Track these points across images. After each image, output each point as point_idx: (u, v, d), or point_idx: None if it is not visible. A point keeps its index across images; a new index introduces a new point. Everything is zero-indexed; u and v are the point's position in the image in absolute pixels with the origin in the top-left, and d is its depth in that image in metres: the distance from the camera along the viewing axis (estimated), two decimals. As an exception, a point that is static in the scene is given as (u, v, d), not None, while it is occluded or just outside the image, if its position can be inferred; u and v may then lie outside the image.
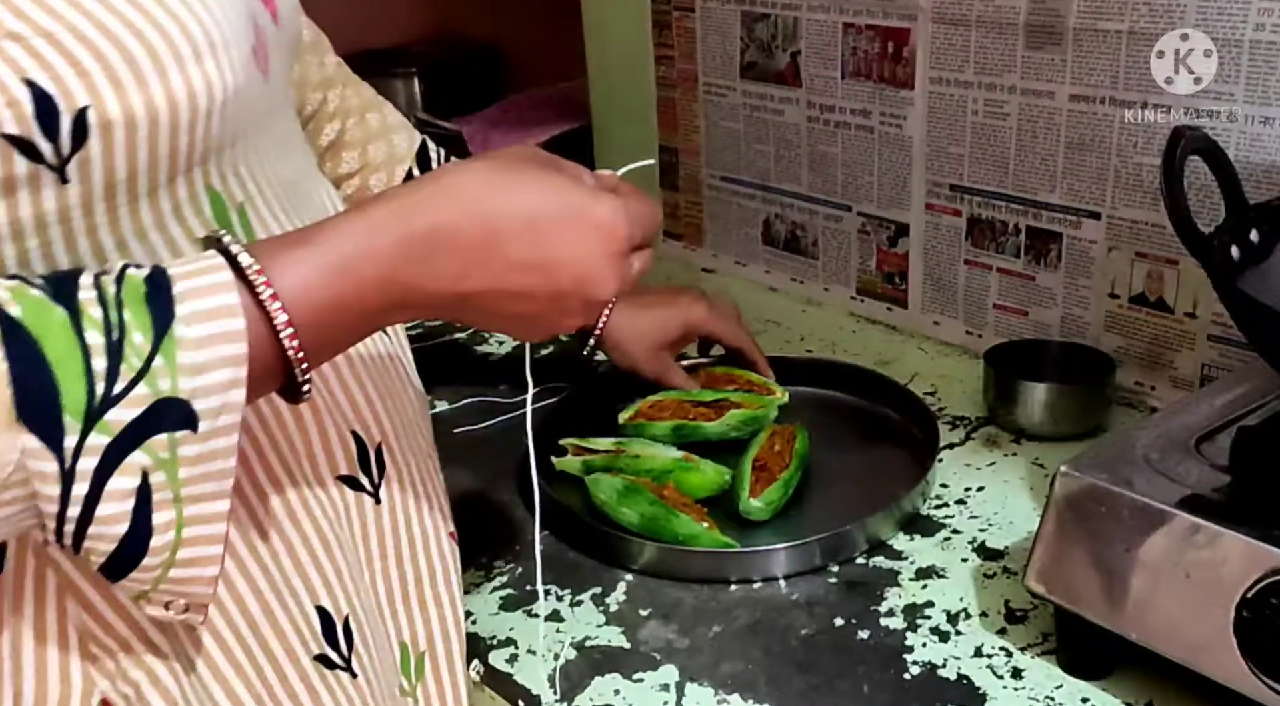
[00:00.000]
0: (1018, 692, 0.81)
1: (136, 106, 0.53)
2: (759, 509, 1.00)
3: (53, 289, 0.50)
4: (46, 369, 0.48)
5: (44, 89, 0.50)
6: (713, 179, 1.57)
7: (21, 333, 0.48)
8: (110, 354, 0.49)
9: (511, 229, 0.59)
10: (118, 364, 0.50)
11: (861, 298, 1.44)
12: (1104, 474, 0.78)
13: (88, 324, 0.49)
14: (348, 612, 0.69)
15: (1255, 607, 0.69)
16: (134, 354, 0.50)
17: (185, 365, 0.51)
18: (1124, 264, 1.16)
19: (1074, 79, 1.14)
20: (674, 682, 0.84)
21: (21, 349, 0.48)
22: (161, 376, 0.50)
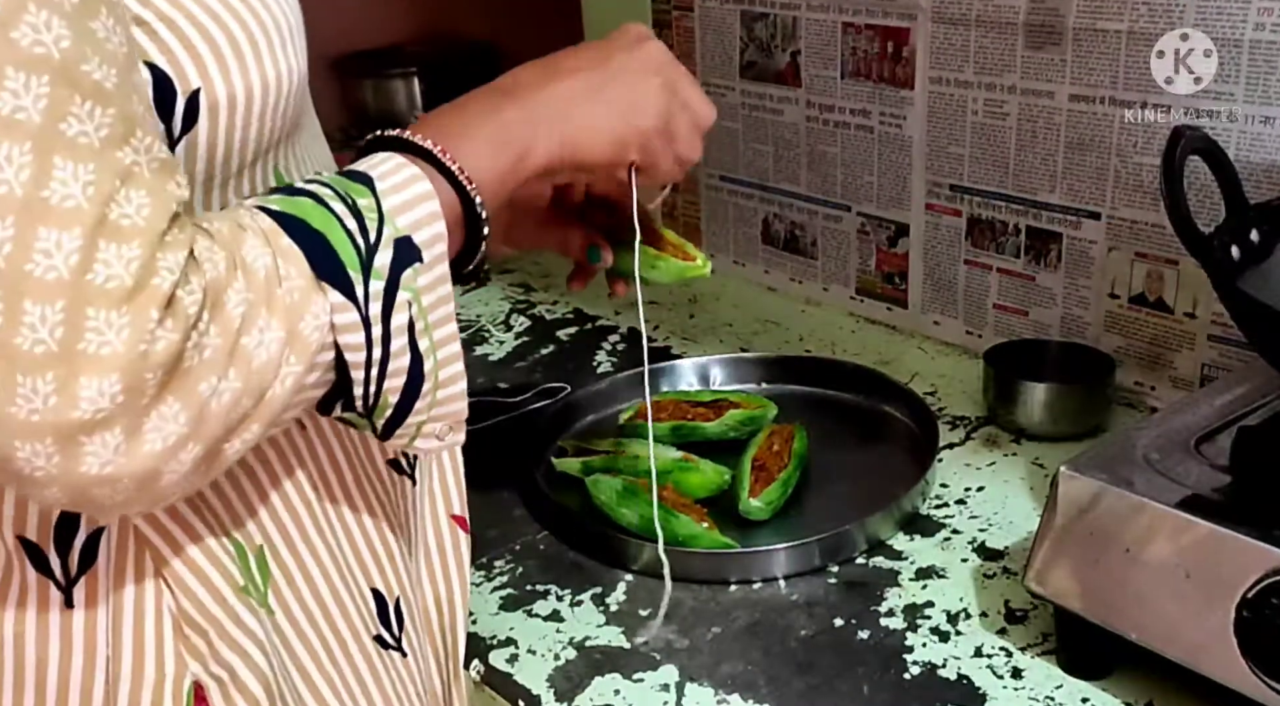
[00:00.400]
0: (1018, 692, 0.81)
1: (238, 89, 0.57)
2: (758, 509, 1.00)
3: (282, 192, 0.58)
4: (321, 237, 0.55)
5: (163, 71, 0.54)
6: (711, 178, 1.57)
7: (289, 218, 0.56)
8: (354, 215, 0.57)
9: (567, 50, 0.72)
10: (362, 221, 0.57)
11: (861, 297, 1.44)
12: (1104, 474, 0.78)
13: (328, 199, 0.57)
14: (398, 594, 0.72)
15: (1255, 607, 0.69)
16: (367, 210, 0.58)
17: (395, 206, 0.59)
18: (1124, 264, 1.16)
19: (1074, 79, 1.14)
20: (674, 682, 0.84)
21: (297, 228, 0.55)
22: (388, 222, 0.58)
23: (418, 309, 0.59)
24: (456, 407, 0.63)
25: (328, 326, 0.55)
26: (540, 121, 0.68)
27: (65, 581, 0.58)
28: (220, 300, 0.51)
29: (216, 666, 0.61)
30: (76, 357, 0.46)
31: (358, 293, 0.56)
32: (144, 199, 0.48)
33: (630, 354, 1.37)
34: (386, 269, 0.57)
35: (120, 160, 0.48)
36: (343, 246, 0.56)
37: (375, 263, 0.57)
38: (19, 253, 0.45)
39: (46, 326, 0.45)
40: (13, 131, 0.45)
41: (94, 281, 0.46)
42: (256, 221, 0.55)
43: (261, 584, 0.64)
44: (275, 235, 0.55)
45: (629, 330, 1.44)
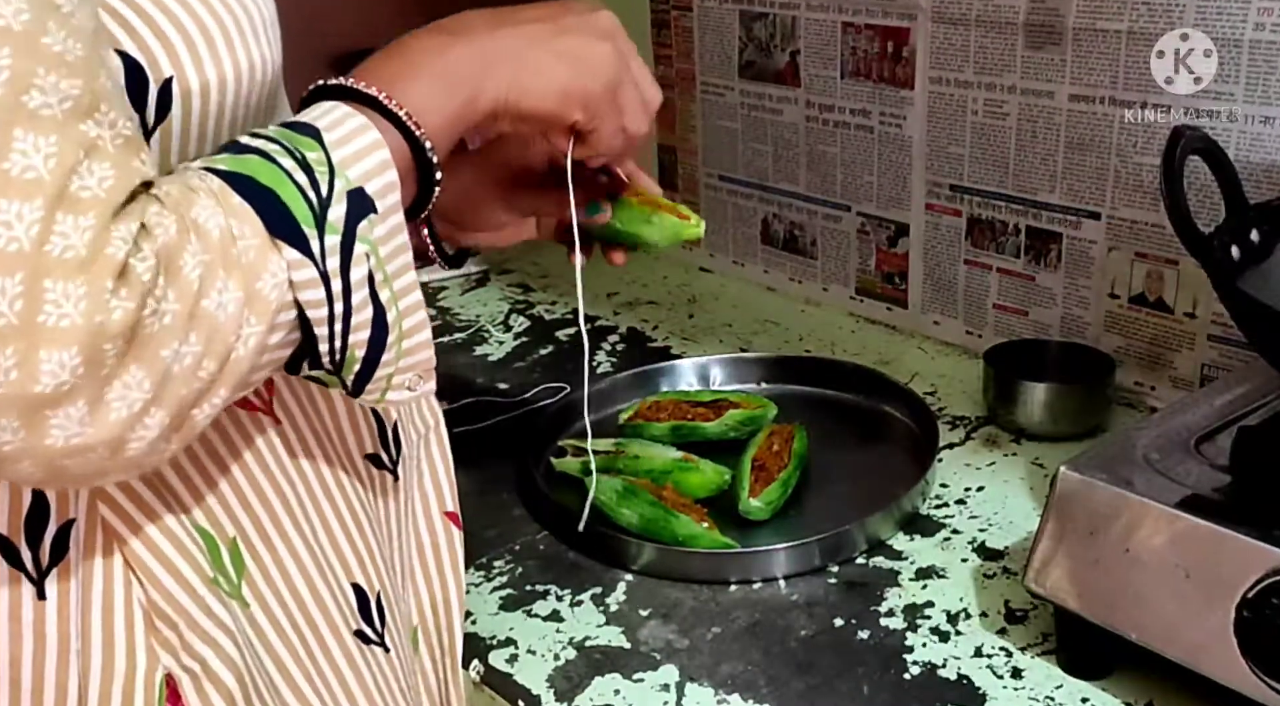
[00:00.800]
0: (1018, 692, 0.81)
1: (211, 78, 0.57)
2: (758, 509, 1.00)
3: (228, 150, 0.57)
4: (271, 194, 0.55)
5: (135, 59, 0.54)
6: (710, 178, 1.57)
7: (238, 177, 0.55)
8: (304, 169, 0.56)
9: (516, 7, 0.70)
10: (312, 175, 0.56)
11: (861, 297, 1.44)
12: (1104, 474, 0.78)
13: (276, 154, 0.56)
14: (379, 589, 0.71)
15: (1255, 607, 0.69)
16: (317, 164, 0.57)
17: (345, 158, 0.58)
18: (1124, 264, 1.16)
19: (1074, 79, 1.14)
20: (674, 682, 0.84)
21: (246, 186, 0.54)
22: (338, 175, 0.57)
23: (376, 260, 0.59)
24: (424, 356, 0.63)
25: (286, 284, 0.55)
26: (490, 62, 0.67)
27: (37, 574, 0.58)
28: (175, 264, 0.51)
29: (188, 658, 0.60)
30: (36, 330, 0.46)
31: (313, 248, 0.56)
32: (106, 171, 0.48)
33: (630, 354, 1.37)
34: (341, 222, 0.57)
35: (84, 133, 0.48)
36: (294, 202, 0.55)
37: (329, 216, 0.56)
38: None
39: (7, 299, 0.45)
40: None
41: (51, 253, 0.46)
42: (206, 182, 0.54)
43: (235, 576, 0.64)
44: (225, 194, 0.54)
45: (629, 330, 1.44)
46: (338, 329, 0.57)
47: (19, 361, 0.46)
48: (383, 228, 0.59)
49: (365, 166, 0.59)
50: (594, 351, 1.39)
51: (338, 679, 0.68)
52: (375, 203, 0.58)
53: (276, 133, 0.58)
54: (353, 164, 0.58)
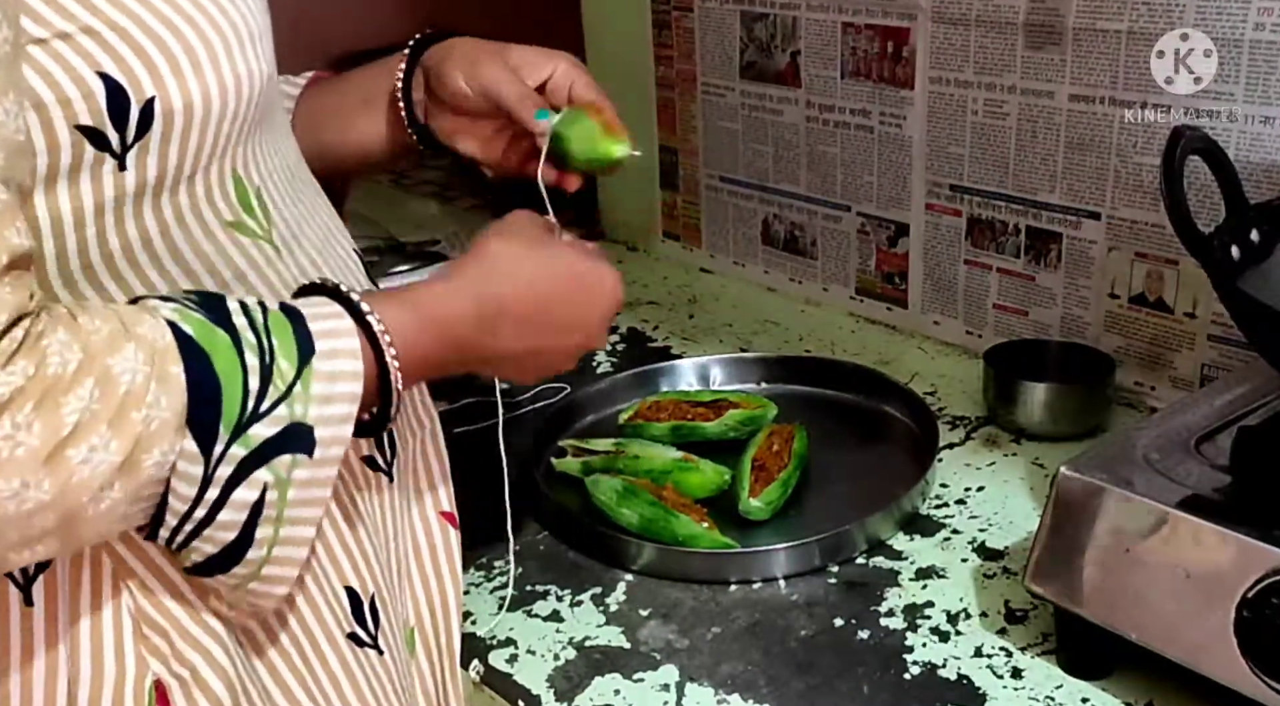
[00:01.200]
0: (1018, 692, 0.81)
1: (194, 95, 0.56)
2: (758, 509, 1.00)
3: (211, 312, 0.54)
4: (216, 382, 0.53)
5: (116, 80, 0.54)
6: (711, 179, 1.57)
7: (196, 348, 0.52)
8: (262, 376, 0.54)
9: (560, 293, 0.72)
10: (266, 386, 0.54)
11: (861, 298, 1.44)
12: (1104, 474, 0.78)
13: (246, 346, 0.54)
14: (373, 591, 0.71)
15: (1255, 607, 0.69)
16: (279, 377, 0.55)
17: (317, 395, 0.56)
18: (1124, 264, 1.16)
19: (1074, 79, 1.14)
20: (674, 682, 0.84)
21: (197, 363, 0.52)
22: (298, 402, 0.55)
23: (277, 496, 0.56)
24: (265, 604, 0.61)
25: (169, 467, 0.52)
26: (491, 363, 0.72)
27: (24, 580, 0.57)
28: (53, 401, 0.47)
29: (178, 665, 0.60)
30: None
31: (215, 450, 0.53)
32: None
33: (630, 354, 1.37)
34: (259, 441, 0.54)
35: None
36: (230, 402, 0.53)
37: (251, 430, 0.54)
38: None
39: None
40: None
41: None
42: (155, 335, 0.51)
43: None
44: (166, 358, 0.51)
45: (629, 330, 1.44)
46: (187, 529, 0.55)
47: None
48: (307, 472, 0.57)
49: (332, 411, 0.57)
50: (594, 351, 1.39)
51: (331, 682, 0.68)
52: (315, 447, 0.56)
53: (275, 321, 0.56)
54: (323, 403, 0.56)
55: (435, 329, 0.65)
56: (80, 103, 0.53)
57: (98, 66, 0.53)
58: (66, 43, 0.53)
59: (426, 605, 0.79)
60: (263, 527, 0.56)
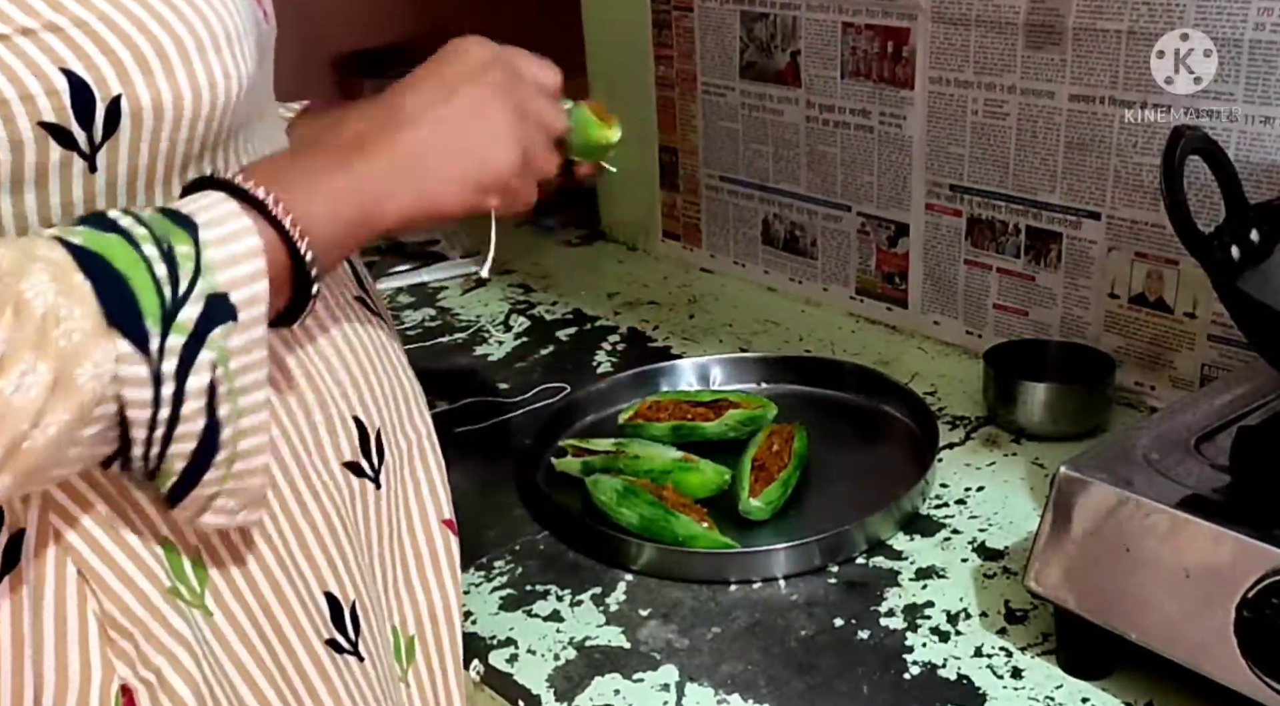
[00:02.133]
0: (1018, 692, 0.81)
1: (165, 95, 0.55)
2: (758, 509, 1.00)
3: (91, 224, 0.53)
4: (121, 280, 0.51)
5: (81, 78, 0.53)
6: (711, 179, 1.57)
7: (89, 254, 0.51)
8: (167, 261, 0.53)
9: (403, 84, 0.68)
10: (175, 269, 0.53)
11: (861, 298, 1.44)
12: (1104, 474, 0.78)
13: (141, 239, 0.53)
14: (354, 598, 0.70)
15: (1255, 607, 0.69)
16: (184, 259, 0.53)
17: (218, 261, 0.54)
18: (1124, 264, 1.16)
19: (1074, 79, 1.14)
20: (674, 682, 0.84)
21: (95, 266, 0.51)
22: (205, 274, 0.54)
23: (224, 371, 0.55)
24: (255, 483, 0.59)
25: (109, 377, 0.51)
26: (393, 177, 0.64)
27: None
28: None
29: (144, 670, 0.59)
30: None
31: (152, 345, 0.52)
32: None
33: (630, 354, 1.37)
34: (192, 323, 0.53)
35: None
36: (144, 293, 0.52)
37: (180, 315, 0.52)
38: None
39: None
40: None
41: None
42: (51, 253, 0.50)
43: (198, 585, 0.62)
44: (67, 271, 0.50)
45: (629, 330, 1.44)
46: (158, 434, 0.53)
47: None
48: (240, 338, 0.55)
49: (236, 272, 0.55)
50: (594, 351, 1.39)
51: (307, 688, 0.67)
52: (238, 311, 0.55)
53: (149, 217, 0.54)
54: (224, 268, 0.54)
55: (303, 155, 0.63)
56: (44, 99, 0.52)
57: (61, 63, 0.52)
58: (30, 39, 0.52)
59: (427, 613, 0.78)
60: (223, 406, 0.55)
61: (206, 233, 0.54)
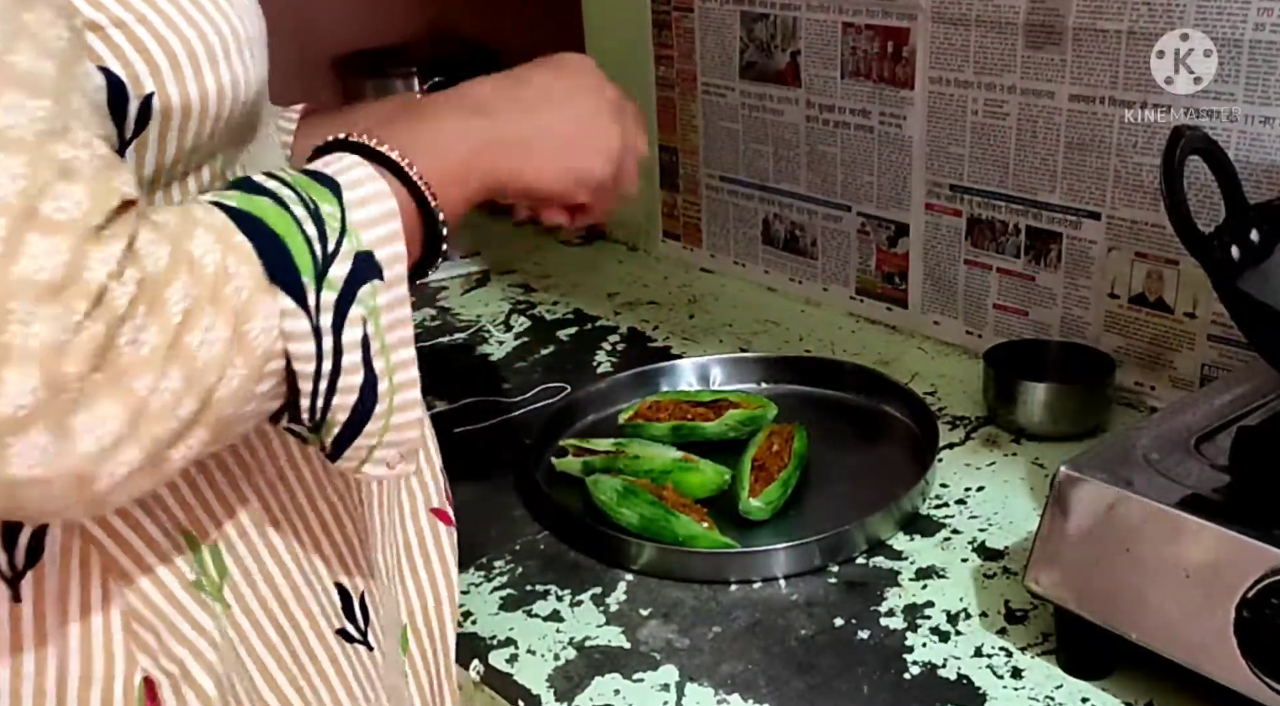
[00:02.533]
0: (1018, 692, 0.81)
1: (192, 95, 0.57)
2: (758, 509, 1.00)
3: (242, 187, 0.56)
4: (278, 239, 0.54)
5: (117, 76, 0.54)
6: (711, 179, 1.57)
7: (246, 215, 0.54)
8: (315, 221, 0.56)
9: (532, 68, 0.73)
10: (323, 228, 0.56)
11: (861, 298, 1.44)
12: (1104, 474, 0.78)
13: (290, 201, 0.56)
14: (363, 589, 0.72)
15: (1255, 607, 0.69)
16: (330, 218, 0.57)
17: (360, 221, 0.58)
18: (1124, 264, 1.16)
19: (1074, 79, 1.14)
20: (674, 682, 0.84)
21: (253, 226, 0.54)
22: (349, 234, 0.57)
23: (374, 327, 0.58)
24: (411, 435, 0.62)
25: (276, 332, 0.54)
26: (510, 150, 0.69)
27: (11, 574, 0.57)
28: (160, 296, 0.49)
29: (167, 662, 0.60)
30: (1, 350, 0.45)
31: (309, 300, 0.55)
32: (80, 194, 0.47)
33: (630, 354, 1.37)
34: (341, 281, 0.56)
35: (56, 154, 0.47)
36: (299, 251, 0.55)
37: (330, 273, 0.55)
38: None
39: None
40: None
41: (20, 273, 0.45)
42: (210, 216, 0.53)
43: (217, 578, 0.63)
44: (228, 231, 0.53)
45: (629, 330, 1.44)
46: (322, 387, 0.56)
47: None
48: (386, 296, 0.58)
49: (378, 232, 0.58)
50: (594, 351, 1.39)
51: (320, 678, 0.68)
52: (383, 270, 0.58)
53: (293, 178, 0.58)
54: (366, 227, 0.58)
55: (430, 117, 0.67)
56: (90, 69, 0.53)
57: (100, 61, 0.53)
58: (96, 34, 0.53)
59: (419, 603, 0.79)
60: (378, 359, 0.58)
61: (349, 194, 0.58)
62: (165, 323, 0.49)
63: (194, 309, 0.50)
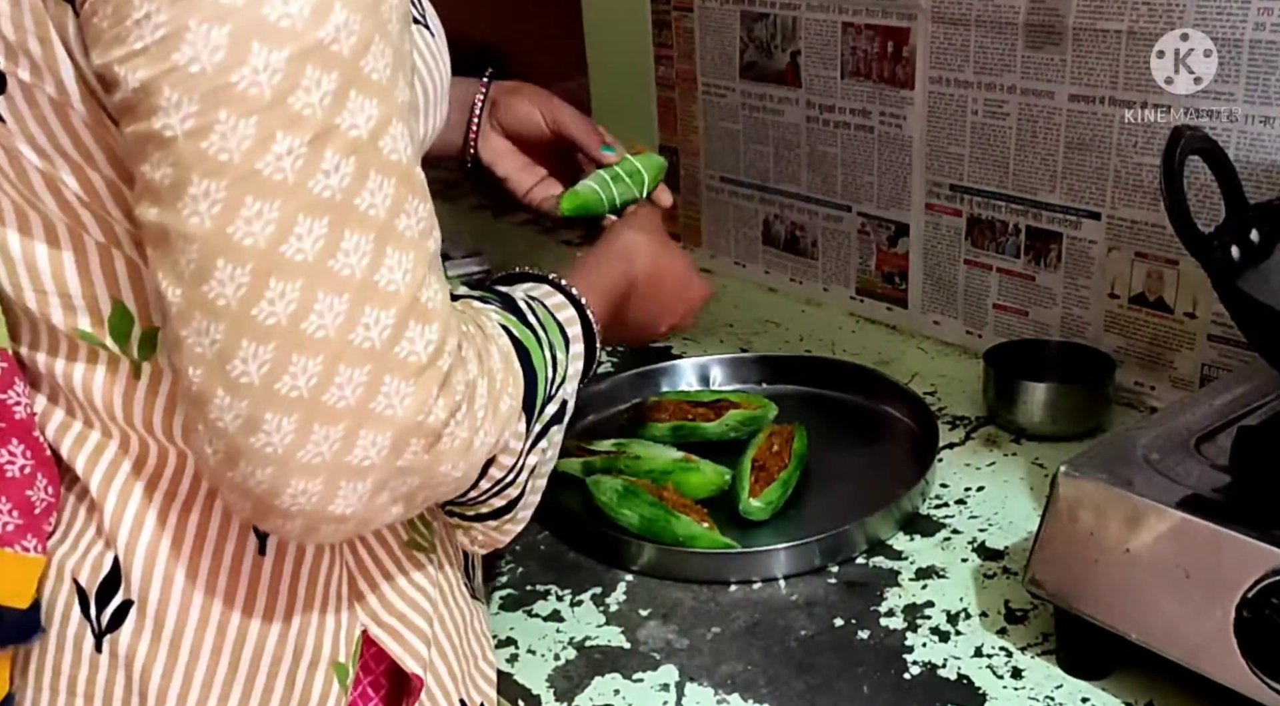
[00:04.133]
0: (1018, 692, 0.81)
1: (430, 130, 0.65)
2: (758, 509, 1.00)
3: (516, 315, 0.68)
4: (534, 374, 0.66)
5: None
6: (711, 179, 1.57)
7: (522, 348, 0.66)
8: (552, 366, 0.69)
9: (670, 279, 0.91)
10: (554, 373, 0.69)
11: (861, 297, 1.44)
12: (1104, 474, 0.78)
13: (543, 343, 0.68)
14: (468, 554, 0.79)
15: (1255, 607, 0.69)
16: (560, 366, 0.70)
17: (569, 374, 0.72)
18: (1124, 264, 1.16)
19: (1074, 79, 1.14)
20: (674, 682, 0.84)
21: (524, 358, 0.66)
22: (563, 383, 0.71)
23: (544, 458, 0.70)
24: (502, 539, 0.73)
25: (505, 443, 0.64)
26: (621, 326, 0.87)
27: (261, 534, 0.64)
28: (472, 399, 0.59)
29: (387, 616, 0.68)
30: (366, 414, 0.54)
31: (532, 428, 0.66)
32: (437, 284, 0.56)
33: (630, 354, 1.37)
34: (547, 418, 0.69)
35: (429, 250, 0.56)
36: (541, 389, 0.66)
37: (545, 410, 0.68)
38: (347, 324, 0.53)
39: (351, 386, 0.53)
40: (365, 225, 0.53)
41: (398, 355, 0.54)
42: (501, 339, 0.65)
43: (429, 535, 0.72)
44: (511, 358, 0.64)
45: (629, 330, 1.44)
46: (493, 490, 0.67)
47: (344, 436, 0.53)
48: (559, 435, 0.71)
49: (573, 386, 0.72)
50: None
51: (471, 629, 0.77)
52: (565, 415, 0.71)
53: (546, 319, 0.71)
54: (571, 380, 0.72)
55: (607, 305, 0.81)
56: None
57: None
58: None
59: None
60: (532, 481, 0.69)
61: (573, 347, 0.73)
62: (473, 423, 0.59)
63: (485, 416, 0.60)
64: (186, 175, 0.50)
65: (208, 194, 0.50)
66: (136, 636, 0.62)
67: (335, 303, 0.52)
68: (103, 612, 0.62)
